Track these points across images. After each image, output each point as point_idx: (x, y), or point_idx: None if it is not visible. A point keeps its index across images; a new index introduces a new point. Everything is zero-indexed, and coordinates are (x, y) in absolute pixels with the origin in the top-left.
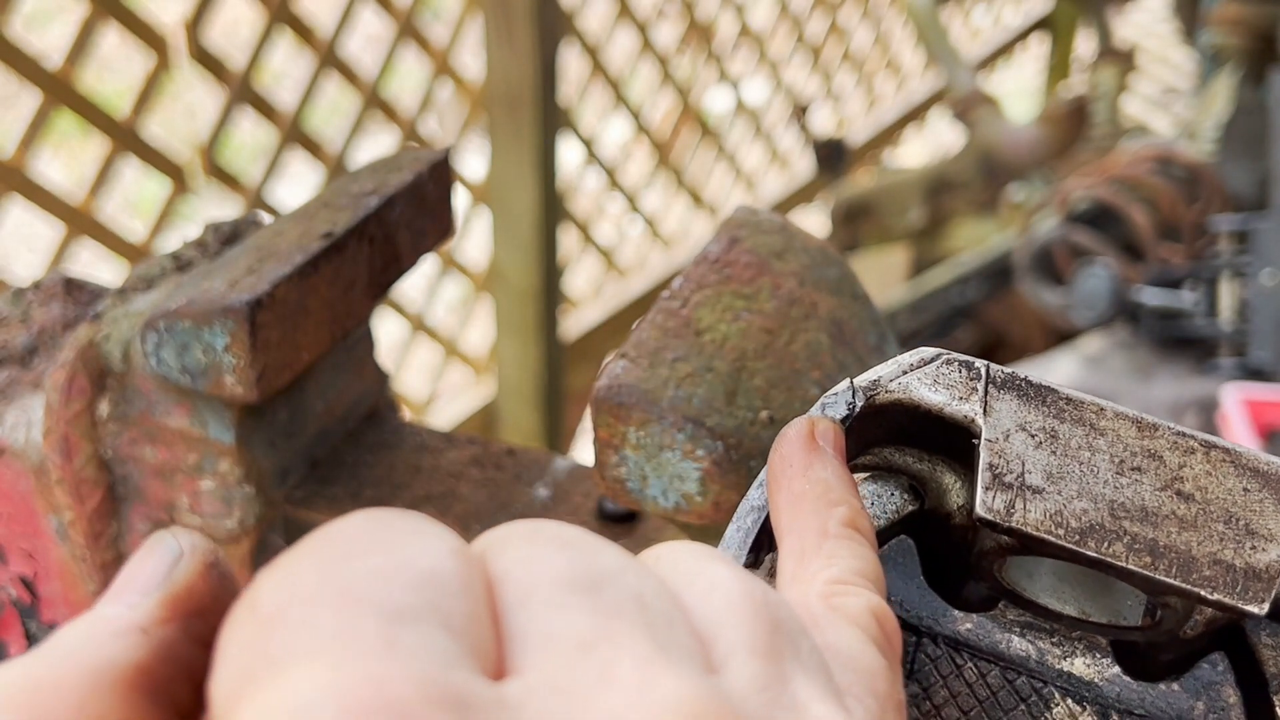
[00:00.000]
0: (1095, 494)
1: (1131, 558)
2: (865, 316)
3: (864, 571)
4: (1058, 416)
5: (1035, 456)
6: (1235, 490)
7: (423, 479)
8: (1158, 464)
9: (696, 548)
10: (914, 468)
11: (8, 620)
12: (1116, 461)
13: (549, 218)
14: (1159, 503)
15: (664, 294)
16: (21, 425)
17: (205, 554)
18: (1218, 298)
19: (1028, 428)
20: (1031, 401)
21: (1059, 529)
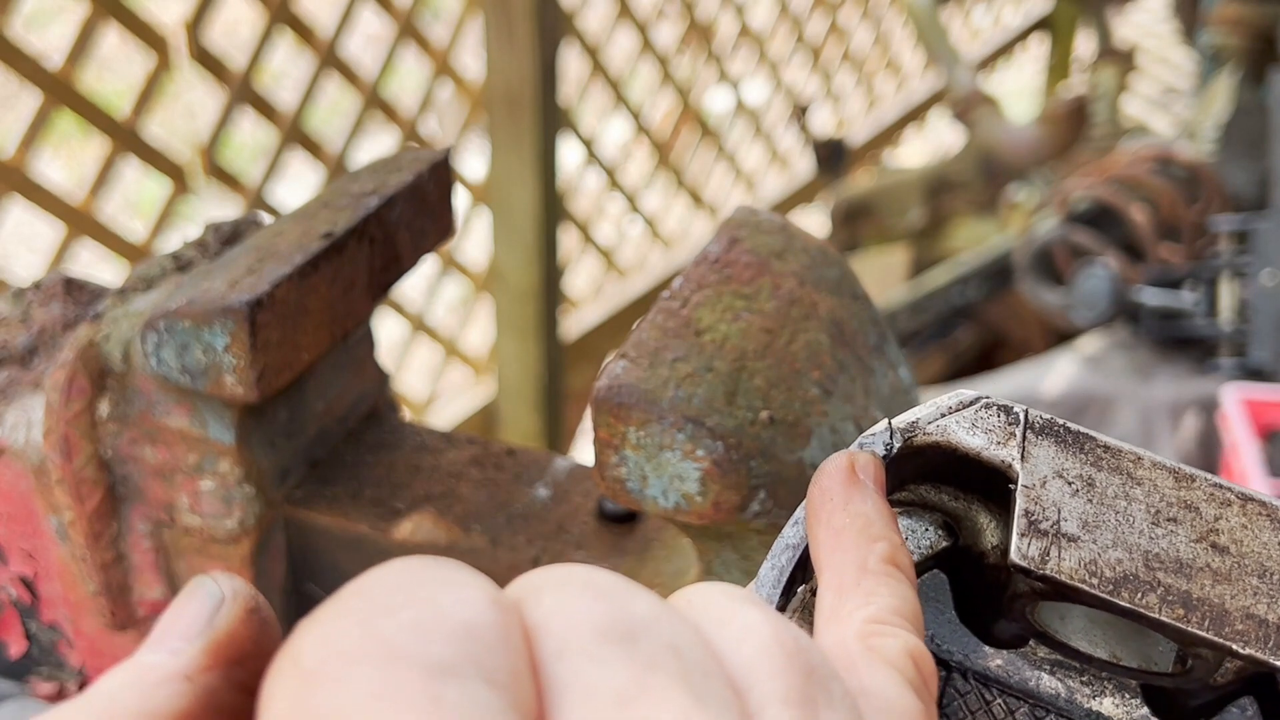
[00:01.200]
0: (1130, 544)
1: (1165, 610)
2: (865, 316)
3: (902, 610)
4: (1095, 464)
5: (1071, 504)
6: (1271, 544)
7: (423, 479)
8: (1194, 515)
9: (728, 590)
10: (949, 505)
11: (8, 620)
12: (1153, 512)
13: (549, 218)
14: (1194, 555)
15: (664, 294)
16: (22, 425)
17: (247, 599)
18: (1218, 298)
19: (1065, 474)
20: (1069, 448)
21: (1093, 578)
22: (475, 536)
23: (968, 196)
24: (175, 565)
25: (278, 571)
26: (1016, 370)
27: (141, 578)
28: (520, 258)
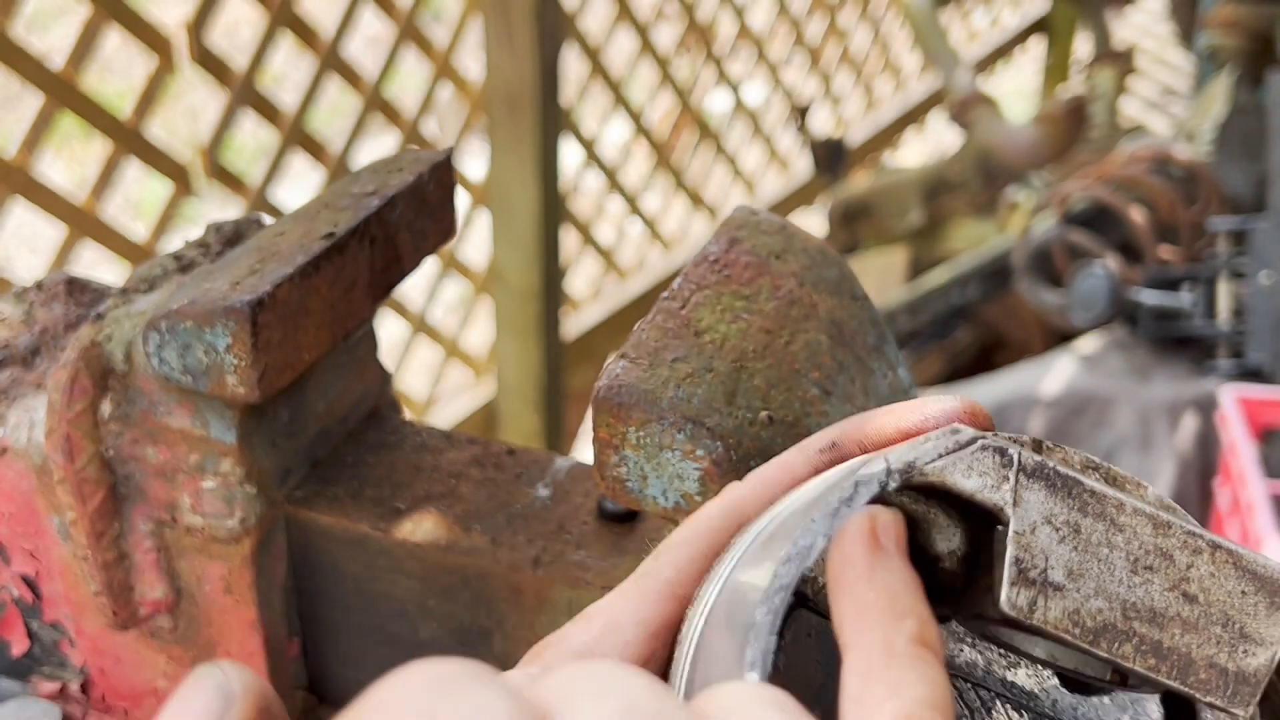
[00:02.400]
0: (1111, 592)
1: (1139, 659)
2: (864, 317)
3: (933, 700)
4: (1081, 510)
5: (1058, 551)
6: (1234, 593)
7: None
8: (1168, 563)
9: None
10: (909, 507)
11: (10, 619)
12: (1132, 560)
13: (549, 218)
14: (1166, 603)
15: (664, 294)
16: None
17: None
18: (1215, 298)
19: (1053, 520)
20: (1058, 493)
21: (1075, 628)
22: (475, 536)
23: (966, 197)
24: (177, 564)
25: (279, 571)
26: (1015, 371)
27: (143, 577)
28: (520, 258)
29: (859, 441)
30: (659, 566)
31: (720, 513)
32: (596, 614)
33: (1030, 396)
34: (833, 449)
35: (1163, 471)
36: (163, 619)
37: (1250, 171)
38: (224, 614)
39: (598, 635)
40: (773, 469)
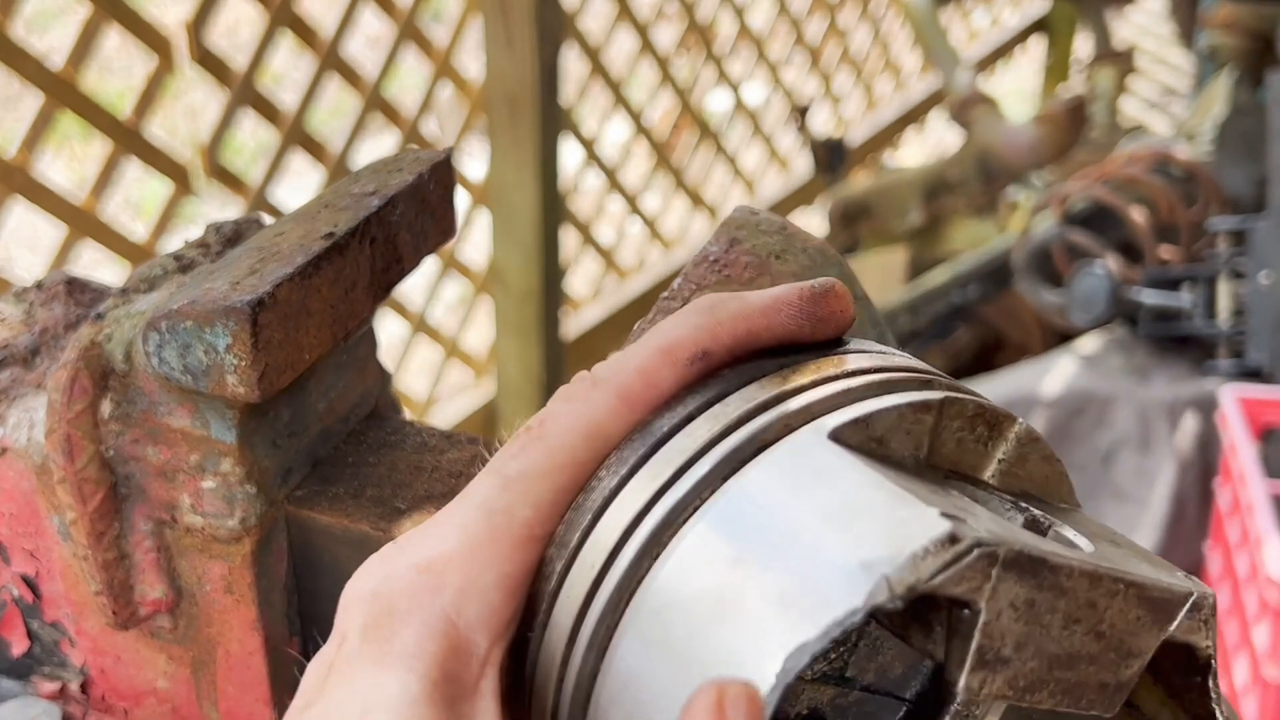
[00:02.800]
0: (1044, 652)
1: (1050, 700)
2: (864, 316)
3: None
4: (1038, 586)
5: (1012, 629)
6: (1132, 619)
7: (424, 479)
8: (1092, 611)
9: None
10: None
11: (10, 619)
12: (1066, 617)
13: (549, 218)
14: (1082, 646)
15: (664, 294)
16: (24, 425)
17: None
18: (1215, 298)
19: (1015, 602)
20: (1025, 576)
21: (1011, 690)
22: None
23: (966, 197)
24: (177, 564)
25: (280, 571)
26: (1015, 371)
27: (144, 577)
28: (520, 258)
29: (730, 348)
30: (513, 502)
31: (583, 439)
32: (446, 568)
33: (1030, 396)
34: (704, 359)
35: (1163, 471)
36: (163, 619)
37: (1250, 171)
38: (224, 614)
39: (455, 601)
40: (636, 382)
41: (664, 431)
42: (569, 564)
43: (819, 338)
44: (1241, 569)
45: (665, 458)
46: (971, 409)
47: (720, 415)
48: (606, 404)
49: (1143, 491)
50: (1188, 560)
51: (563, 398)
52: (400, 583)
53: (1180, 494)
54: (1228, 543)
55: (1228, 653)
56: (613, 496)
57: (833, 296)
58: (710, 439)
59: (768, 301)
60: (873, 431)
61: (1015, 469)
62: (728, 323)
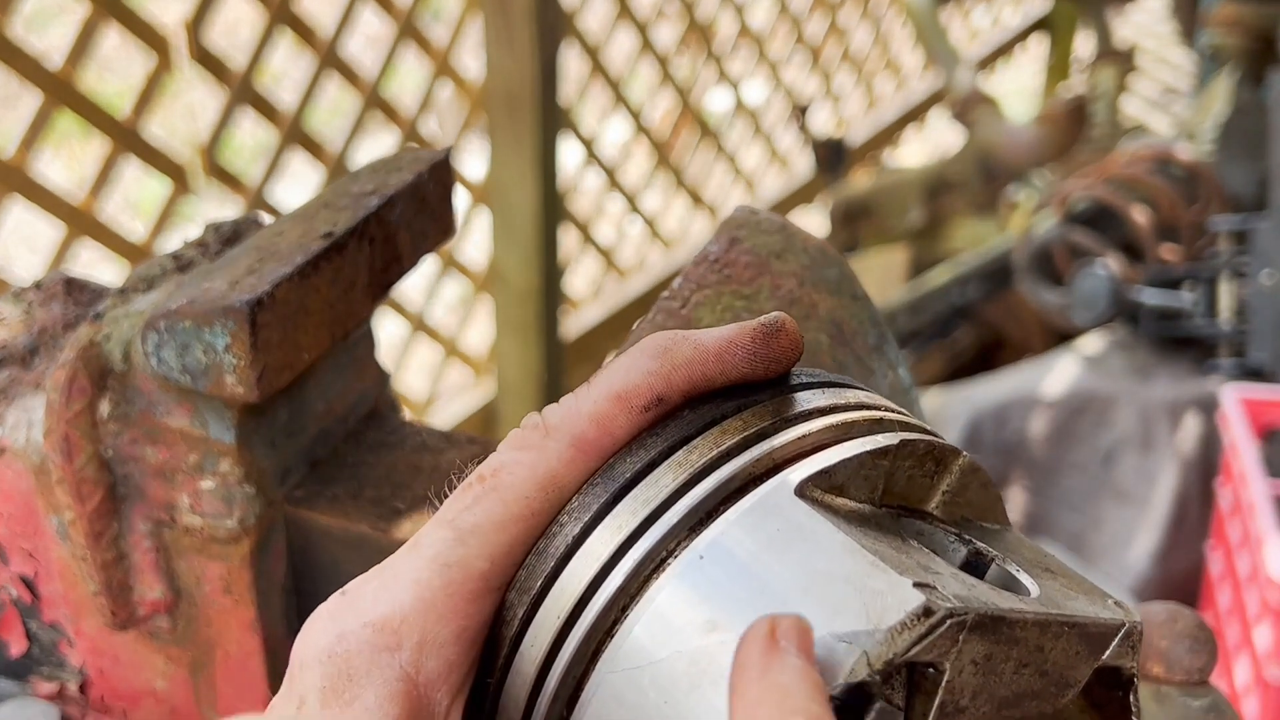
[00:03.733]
0: (995, 696)
1: None
2: (864, 316)
3: None
4: (996, 641)
5: (970, 682)
6: (1071, 654)
7: (423, 479)
8: (1039, 654)
9: None
10: None
11: (9, 619)
12: (1016, 664)
13: (549, 218)
14: (1028, 685)
15: (664, 294)
16: (22, 425)
17: None
18: (1216, 298)
19: (975, 659)
20: (987, 635)
21: None
22: None
23: (967, 197)
24: (176, 565)
25: (278, 571)
26: (1015, 371)
27: (142, 577)
28: (520, 258)
29: (685, 393)
30: (468, 556)
31: (538, 488)
32: (401, 625)
33: (1031, 396)
34: (659, 404)
35: (1164, 471)
36: (161, 619)
37: (1251, 171)
38: (223, 614)
39: (414, 658)
40: (590, 429)
41: (627, 478)
42: (531, 611)
43: (771, 376)
44: (1243, 569)
45: (630, 507)
46: (922, 448)
47: (685, 462)
48: (561, 453)
49: (1144, 491)
50: (1189, 561)
51: (516, 446)
52: (356, 642)
53: (1182, 494)
54: (1229, 543)
55: (1229, 653)
56: (577, 544)
57: (783, 335)
58: (676, 488)
59: (722, 345)
60: (834, 480)
61: (957, 498)
62: (683, 368)
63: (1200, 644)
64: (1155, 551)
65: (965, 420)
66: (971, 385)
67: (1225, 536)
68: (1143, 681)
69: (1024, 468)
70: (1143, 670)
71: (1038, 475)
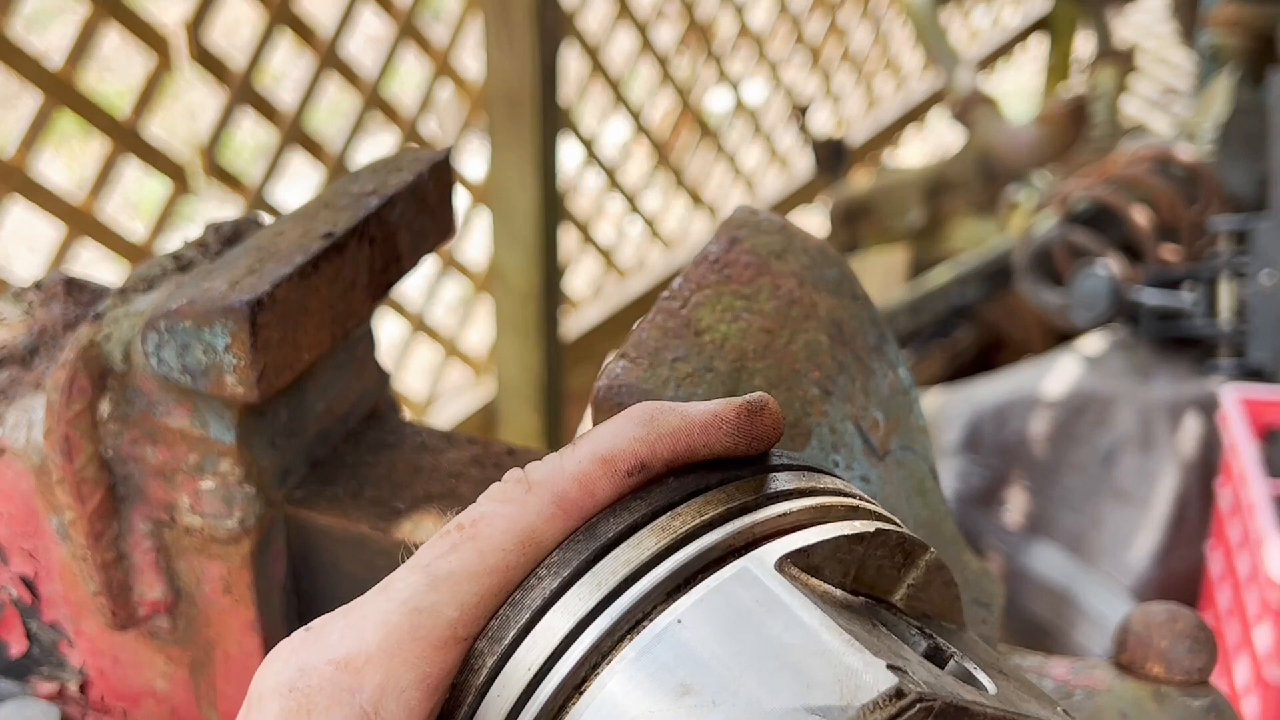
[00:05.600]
0: None
1: None
2: (865, 316)
3: None
4: None
5: None
6: None
7: (423, 479)
8: None
9: None
10: None
11: (9, 619)
12: None
13: (549, 218)
14: None
15: (664, 294)
16: (22, 425)
17: None
18: (1217, 298)
19: None
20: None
21: None
22: None
23: (967, 197)
24: (176, 565)
25: (278, 571)
26: (1015, 371)
27: (142, 577)
28: (520, 258)
29: (668, 462)
30: (439, 603)
31: (516, 542)
32: (365, 666)
33: (1031, 396)
34: (642, 471)
35: (1164, 472)
36: (161, 619)
37: (1252, 171)
38: (223, 614)
39: (374, 699)
40: (573, 489)
41: (609, 538)
42: (501, 661)
43: (752, 453)
44: (1243, 569)
45: (611, 566)
46: (894, 539)
47: (668, 528)
48: (542, 510)
49: (1144, 492)
50: (1189, 561)
51: (497, 498)
52: (318, 678)
53: (1182, 494)
54: (1229, 543)
55: (1228, 653)
56: (554, 599)
57: (766, 414)
58: (657, 552)
59: (707, 418)
60: (811, 560)
61: (920, 593)
62: (668, 438)
63: (1200, 644)
64: (1155, 551)
65: (965, 420)
66: (971, 385)
67: (1225, 537)
68: (1143, 681)
69: (1024, 468)
70: (1143, 670)
71: (1038, 475)
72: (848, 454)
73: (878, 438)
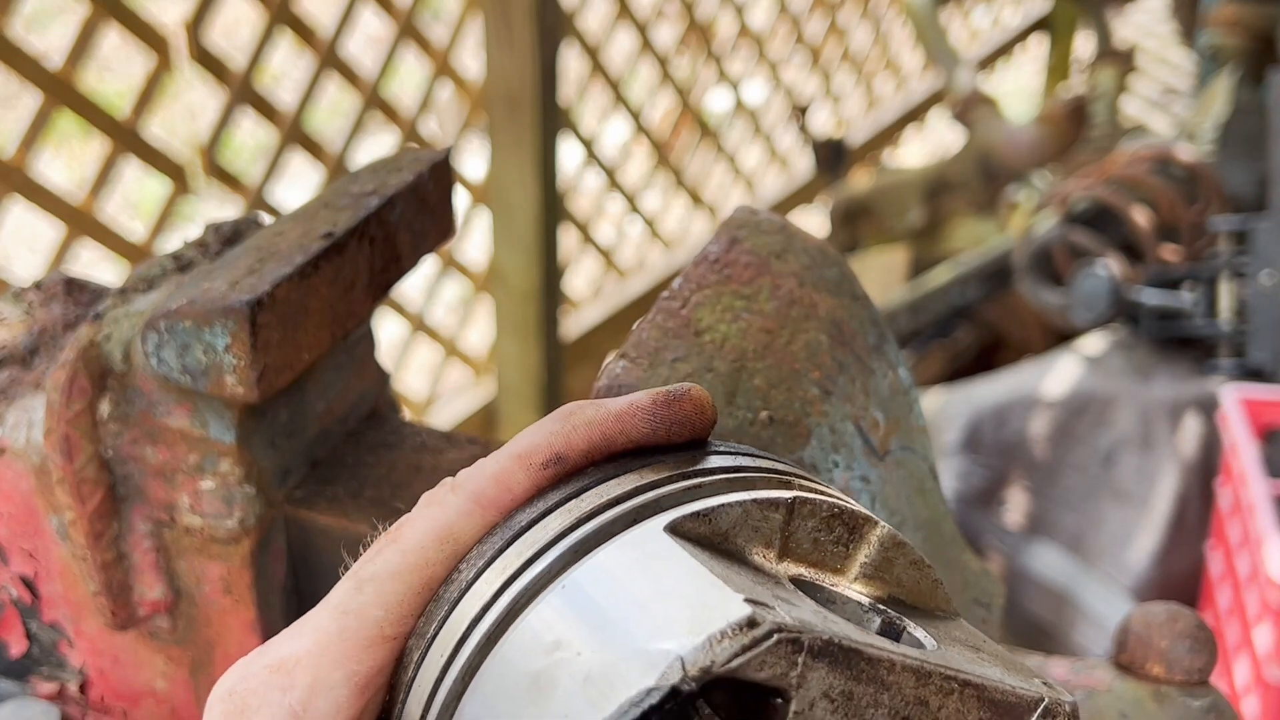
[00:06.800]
0: None
1: None
2: (864, 316)
3: None
4: (855, 678)
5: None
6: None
7: (423, 479)
8: (923, 710)
9: None
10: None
11: (9, 619)
12: (891, 713)
13: (549, 218)
14: None
15: (664, 294)
16: (23, 425)
17: None
18: (1217, 298)
19: (830, 693)
20: (838, 666)
21: None
22: None
23: (967, 197)
24: (176, 565)
25: (278, 571)
26: (1015, 371)
27: (142, 578)
28: (520, 258)
29: (585, 452)
30: (364, 604)
31: (435, 541)
32: (295, 667)
33: (1031, 396)
34: (558, 462)
35: (1164, 472)
36: (161, 619)
37: (1252, 171)
38: (223, 614)
39: (303, 698)
40: (490, 486)
41: (521, 525)
42: (424, 653)
43: (675, 440)
44: (1243, 569)
45: (518, 550)
46: (826, 509)
47: (574, 509)
48: (459, 507)
49: (1144, 492)
50: (1189, 561)
51: (423, 503)
52: (253, 681)
53: (1182, 494)
54: (1229, 543)
55: (1228, 653)
56: (468, 587)
57: (686, 400)
58: (561, 531)
59: (623, 407)
60: (716, 526)
61: (881, 573)
62: (582, 428)
63: (1200, 644)
64: (1155, 551)
65: (965, 420)
66: (971, 385)
67: (1225, 537)
68: (1143, 681)
69: (1024, 468)
70: (1143, 670)
71: (1038, 475)
72: (848, 454)
73: (878, 438)
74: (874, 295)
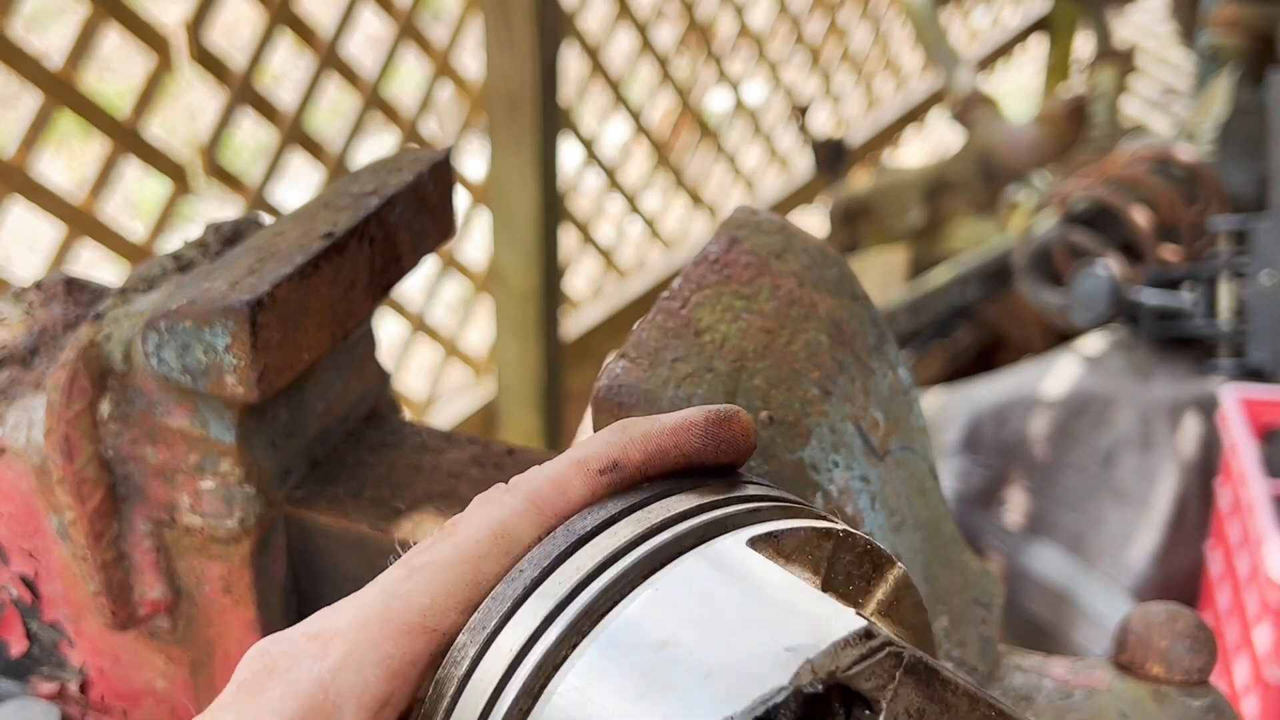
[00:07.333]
0: None
1: None
2: (864, 316)
3: None
4: (930, 697)
5: None
6: None
7: (423, 479)
8: None
9: None
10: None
11: (9, 619)
12: None
13: (549, 218)
14: None
15: (664, 294)
16: (23, 425)
17: None
18: (1216, 298)
19: (910, 709)
20: (921, 684)
21: None
22: None
23: (967, 197)
24: (176, 565)
25: (278, 571)
26: (1015, 371)
27: (142, 577)
28: (520, 258)
29: (640, 464)
30: (412, 589)
31: (490, 537)
32: (333, 639)
33: (1030, 396)
34: (614, 470)
35: (1164, 472)
36: (162, 619)
37: (1251, 171)
38: (223, 614)
39: (333, 669)
40: (547, 488)
41: (588, 530)
42: (483, 650)
43: (722, 460)
44: (1242, 569)
45: (590, 553)
46: (862, 545)
47: (643, 519)
48: (516, 507)
49: (1144, 492)
50: (1189, 561)
51: (477, 503)
52: (289, 645)
53: (1181, 494)
54: (1229, 543)
55: (1228, 653)
56: (534, 586)
57: (735, 422)
58: (633, 539)
59: (677, 422)
60: (781, 548)
61: (891, 610)
62: (639, 439)
63: (1200, 644)
64: (1155, 551)
65: (965, 420)
66: (971, 385)
67: (1225, 537)
68: (1143, 681)
69: (1024, 468)
70: (1143, 670)
71: (1038, 475)
72: (848, 454)
73: (878, 438)
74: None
